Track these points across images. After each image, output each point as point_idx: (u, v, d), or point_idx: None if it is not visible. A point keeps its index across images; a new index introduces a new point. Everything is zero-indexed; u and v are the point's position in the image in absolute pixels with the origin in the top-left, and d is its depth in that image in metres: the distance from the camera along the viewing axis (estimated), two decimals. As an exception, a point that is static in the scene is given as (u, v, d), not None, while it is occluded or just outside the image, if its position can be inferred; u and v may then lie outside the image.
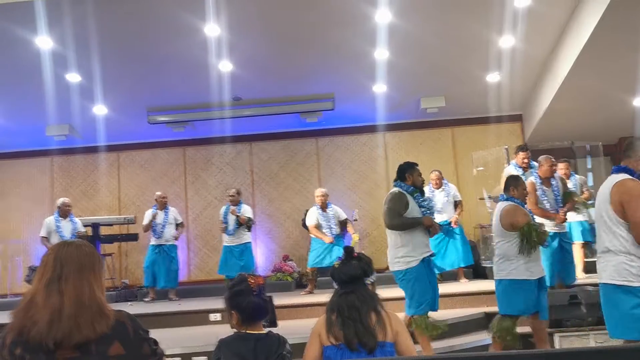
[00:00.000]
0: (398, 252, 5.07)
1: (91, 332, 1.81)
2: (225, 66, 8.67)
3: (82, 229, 8.82)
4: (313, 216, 8.47)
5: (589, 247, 7.72)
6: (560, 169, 7.18)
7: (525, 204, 5.05)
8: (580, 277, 7.05)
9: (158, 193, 9.17)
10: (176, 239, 9.12)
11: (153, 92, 9.47)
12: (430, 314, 4.84)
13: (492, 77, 9.45)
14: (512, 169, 6.81)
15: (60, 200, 8.74)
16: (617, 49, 7.84)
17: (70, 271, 1.89)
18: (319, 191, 8.68)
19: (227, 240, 8.76)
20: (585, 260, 7.52)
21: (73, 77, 8.68)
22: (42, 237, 8.53)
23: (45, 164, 11.28)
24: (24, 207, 11.13)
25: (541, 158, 6.39)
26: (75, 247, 1.98)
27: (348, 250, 2.61)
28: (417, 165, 5.59)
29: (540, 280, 4.69)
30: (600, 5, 7.16)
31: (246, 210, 8.82)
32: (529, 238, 4.47)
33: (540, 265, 4.73)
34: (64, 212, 8.60)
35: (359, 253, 2.70)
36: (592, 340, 5.29)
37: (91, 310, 1.85)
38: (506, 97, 9.94)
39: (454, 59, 8.94)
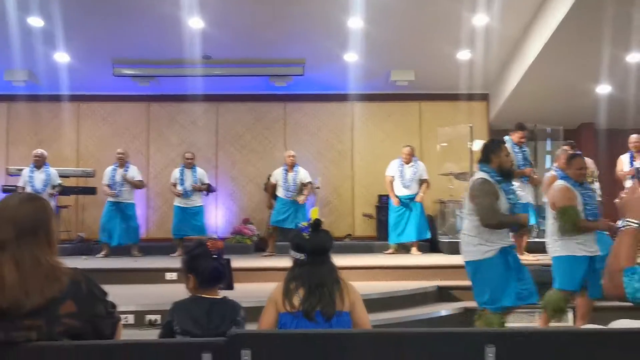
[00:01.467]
0: (473, 240, 4.39)
1: (40, 298, 1.77)
2: (197, 23, 8.46)
3: (57, 181, 8.64)
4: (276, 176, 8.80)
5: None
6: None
7: (580, 183, 4.89)
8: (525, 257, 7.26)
9: (118, 150, 8.95)
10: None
11: (120, 43, 9.18)
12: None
13: (463, 55, 9.49)
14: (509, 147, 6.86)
15: (33, 151, 8.69)
16: (584, 37, 7.95)
17: (15, 235, 1.82)
18: (288, 152, 8.87)
19: (179, 202, 8.72)
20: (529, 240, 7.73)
21: (35, 22, 8.34)
22: (19, 186, 8.53)
23: (3, 109, 10.89)
24: (-23, 152, 10.78)
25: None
26: (14, 206, 1.88)
27: (317, 222, 2.62)
28: (504, 143, 4.70)
29: (594, 259, 4.71)
30: (572, -7, 7.24)
31: (202, 176, 8.83)
32: (565, 221, 4.58)
33: (594, 244, 4.76)
34: (36, 162, 8.50)
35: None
36: (539, 318, 5.47)
37: (38, 278, 1.80)
38: (475, 76, 10.00)
39: (427, 34, 8.93)
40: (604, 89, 9.57)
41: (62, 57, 9.40)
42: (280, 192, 8.69)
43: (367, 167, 10.92)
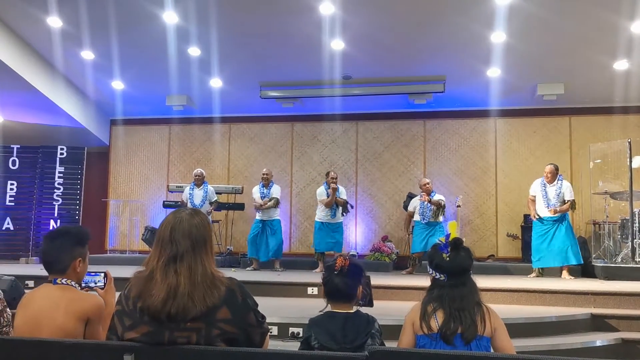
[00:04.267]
0: None
1: (203, 306, 1.95)
2: (338, 44, 8.73)
3: (214, 198, 9.41)
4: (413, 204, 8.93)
5: None
6: None
7: None
8: None
9: (263, 170, 9.43)
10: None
11: (266, 67, 9.75)
12: None
13: (620, 65, 8.79)
14: None
15: (194, 171, 9.56)
16: None
17: (184, 250, 2.02)
18: (423, 180, 8.91)
19: (320, 217, 8.95)
20: None
21: (193, 51, 9.13)
22: (182, 201, 9.48)
23: (164, 131, 12.01)
24: (144, 170, 11.97)
25: None
26: (187, 221, 2.08)
27: (458, 241, 2.56)
28: None
29: None
30: None
31: (341, 192, 8.96)
32: None
33: None
34: (197, 181, 9.37)
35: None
36: None
37: (204, 286, 1.98)
38: (634, 87, 9.24)
39: (577, 44, 8.41)
40: None
41: (216, 82, 10.19)
42: (417, 218, 8.77)
43: (510, 185, 10.47)
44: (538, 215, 8.09)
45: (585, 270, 8.31)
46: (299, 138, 11.50)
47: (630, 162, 8.42)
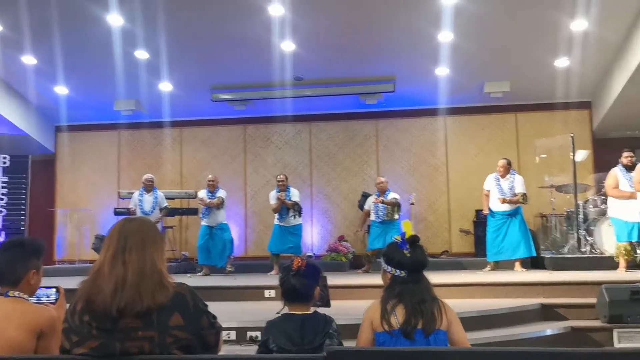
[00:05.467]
0: None
1: (151, 301, 1.91)
2: (288, 46, 8.73)
3: (164, 204, 9.20)
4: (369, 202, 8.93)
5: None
6: (626, 157, 7.26)
7: None
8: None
9: (209, 177, 9.28)
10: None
11: (217, 70, 9.65)
12: None
13: (561, 62, 9.11)
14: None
15: (144, 176, 9.32)
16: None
17: (133, 244, 2.01)
18: (378, 179, 9.01)
19: (278, 221, 8.92)
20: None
21: (141, 54, 8.95)
22: (130, 208, 9.18)
23: (113, 137, 11.73)
24: (92, 177, 11.66)
25: None
26: (138, 223, 2.10)
27: (415, 238, 2.61)
28: None
29: None
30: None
31: (293, 194, 8.91)
32: None
33: None
34: (146, 186, 9.13)
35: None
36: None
37: (152, 281, 1.96)
38: (575, 83, 9.58)
39: (522, 43, 8.66)
40: None
41: (165, 86, 10.02)
42: (373, 217, 8.82)
43: (462, 182, 10.70)
44: (490, 209, 8.25)
45: (534, 262, 8.56)
46: (251, 140, 11.44)
47: (574, 156, 8.74)
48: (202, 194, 9.10)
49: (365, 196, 9.69)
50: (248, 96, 10.31)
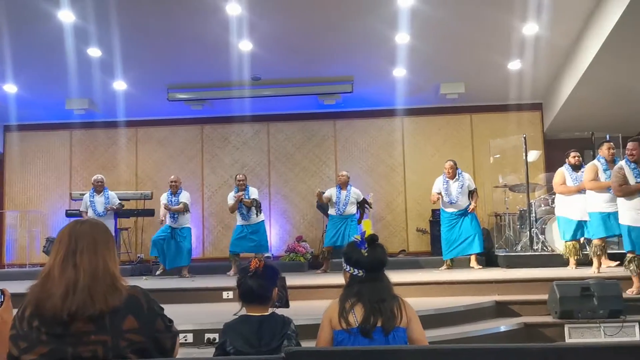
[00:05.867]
0: None
1: (104, 305, 1.86)
2: (246, 45, 8.67)
3: (116, 202, 8.95)
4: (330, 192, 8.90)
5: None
6: (574, 156, 7.51)
7: None
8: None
9: (171, 177, 9.13)
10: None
11: (173, 69, 9.51)
12: None
13: (514, 65, 9.34)
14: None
15: (93, 177, 9.04)
16: (641, 40, 7.70)
17: (84, 245, 1.95)
18: (341, 172, 9.03)
19: (241, 221, 8.84)
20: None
21: (94, 52, 8.73)
22: (81, 211, 8.88)
23: (65, 137, 11.41)
24: (43, 178, 11.32)
25: None
26: (89, 225, 2.04)
27: (373, 237, 2.62)
28: None
29: None
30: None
31: (252, 193, 8.84)
32: None
33: None
34: (96, 187, 8.87)
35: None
36: (602, 332, 5.28)
37: (104, 283, 1.90)
38: (527, 86, 9.84)
39: (476, 45, 8.84)
40: (664, 92, 9.21)
41: (119, 85, 9.80)
42: (332, 211, 8.77)
43: (418, 182, 10.84)
44: (442, 210, 8.37)
45: (489, 260, 8.75)
46: (209, 140, 11.31)
47: (526, 156, 8.98)
48: (164, 198, 8.91)
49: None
50: (205, 96, 10.19)
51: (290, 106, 10.81)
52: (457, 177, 8.31)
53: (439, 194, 8.40)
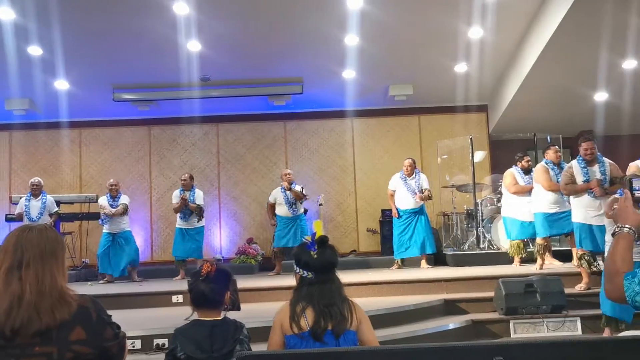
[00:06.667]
0: None
1: (51, 319, 1.79)
2: (194, 46, 8.54)
3: (54, 209, 8.64)
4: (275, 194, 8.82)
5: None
6: (527, 160, 7.75)
7: None
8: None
9: (110, 181, 8.90)
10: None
11: (119, 69, 9.27)
12: None
13: (460, 67, 9.55)
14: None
15: (30, 180, 8.71)
16: (580, 45, 8.02)
17: (31, 257, 1.86)
18: (284, 170, 9.00)
19: (180, 223, 8.69)
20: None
21: (34, 51, 8.43)
22: (17, 214, 8.60)
23: (4, 138, 10.96)
24: (-19, 182, 10.83)
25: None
26: (36, 232, 1.93)
27: (323, 239, 2.59)
28: None
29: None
30: (565, 2, 7.31)
31: (198, 196, 8.72)
32: None
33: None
34: (33, 191, 8.54)
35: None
36: (545, 327, 5.46)
37: (51, 298, 1.83)
38: (473, 88, 10.08)
39: (423, 48, 8.99)
40: (601, 96, 9.62)
41: (62, 84, 9.49)
42: (280, 211, 8.73)
43: (368, 182, 10.94)
44: (398, 213, 8.44)
45: (437, 259, 8.92)
46: (157, 142, 11.08)
47: (473, 156, 9.20)
48: (103, 200, 8.68)
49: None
50: (153, 96, 9.98)
51: (239, 107, 10.72)
52: (414, 175, 8.39)
53: (394, 191, 8.46)
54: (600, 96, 9.62)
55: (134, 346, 4.49)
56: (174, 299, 6.41)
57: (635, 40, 7.81)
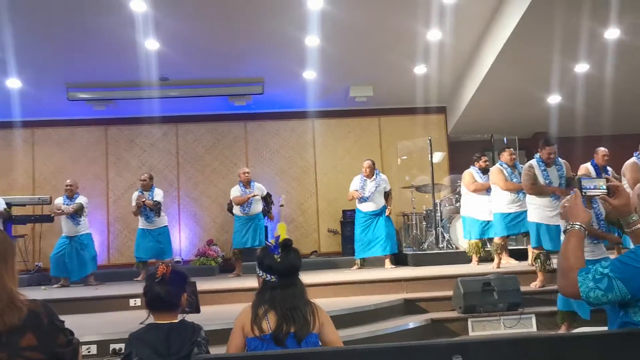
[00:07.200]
0: None
1: (1, 326, 1.73)
2: (152, 44, 8.40)
3: (2, 206, 8.33)
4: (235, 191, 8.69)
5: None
6: (484, 161, 7.88)
7: None
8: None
9: (67, 181, 8.65)
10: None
11: (74, 67, 9.03)
12: None
13: (420, 69, 9.67)
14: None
15: None
16: (534, 49, 8.23)
17: None
18: (242, 169, 8.90)
19: (142, 224, 8.55)
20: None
21: (-16, 47, 8.14)
22: None
23: (-48, 138, 10.55)
24: None
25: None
26: None
27: (287, 242, 2.56)
28: None
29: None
30: (521, 5, 7.49)
31: (157, 194, 8.58)
32: None
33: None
34: None
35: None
36: (502, 324, 5.58)
37: (1, 303, 1.77)
38: (432, 90, 10.22)
39: (384, 50, 9.07)
40: (554, 98, 9.89)
41: (14, 83, 9.18)
42: (237, 211, 8.64)
43: (330, 183, 10.97)
44: (358, 209, 8.45)
45: (398, 259, 9.00)
46: (114, 142, 10.85)
47: (432, 157, 9.33)
48: (59, 201, 8.46)
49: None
50: (109, 96, 9.75)
51: (199, 107, 10.59)
52: (374, 176, 8.42)
53: (356, 191, 8.47)
54: (554, 99, 9.90)
55: (89, 351, 4.38)
56: (132, 302, 6.30)
57: (587, 45, 8.06)
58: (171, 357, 2.32)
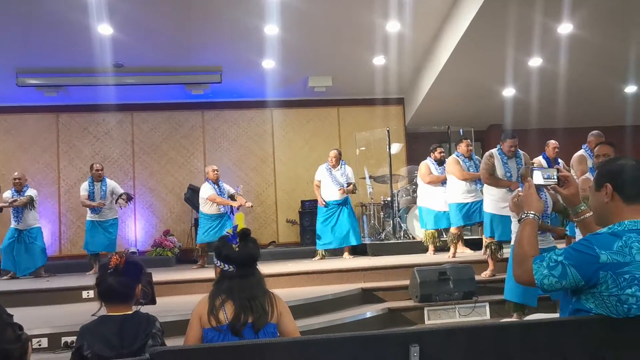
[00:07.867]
0: None
1: None
2: (105, 29, 8.16)
3: None
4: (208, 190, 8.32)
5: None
6: (439, 152, 7.94)
7: None
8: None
9: (14, 174, 8.36)
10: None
11: (24, 51, 8.71)
12: None
13: (378, 60, 9.72)
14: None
15: None
16: (490, 42, 8.38)
17: None
18: (212, 167, 8.54)
19: (91, 215, 8.31)
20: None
21: None
22: None
23: None
24: None
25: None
26: None
27: (245, 231, 2.54)
28: None
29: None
30: (476, 1, 7.61)
31: (110, 185, 8.36)
32: None
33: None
34: None
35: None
36: (457, 313, 5.69)
37: None
38: (391, 81, 10.28)
39: (343, 40, 9.07)
40: (509, 91, 10.11)
41: (-42, 66, 8.81)
42: (209, 209, 8.35)
43: (288, 173, 10.94)
44: (324, 202, 8.42)
45: (357, 249, 9.04)
46: (65, 130, 10.53)
47: (389, 148, 9.41)
48: (8, 194, 8.16)
49: (192, 189, 9.46)
50: (61, 82, 9.45)
51: (156, 95, 10.37)
52: (340, 166, 8.39)
53: (319, 182, 8.41)
54: (509, 92, 10.11)
55: (40, 345, 4.25)
56: (85, 294, 6.14)
57: (540, 40, 8.25)
58: (124, 349, 2.26)
